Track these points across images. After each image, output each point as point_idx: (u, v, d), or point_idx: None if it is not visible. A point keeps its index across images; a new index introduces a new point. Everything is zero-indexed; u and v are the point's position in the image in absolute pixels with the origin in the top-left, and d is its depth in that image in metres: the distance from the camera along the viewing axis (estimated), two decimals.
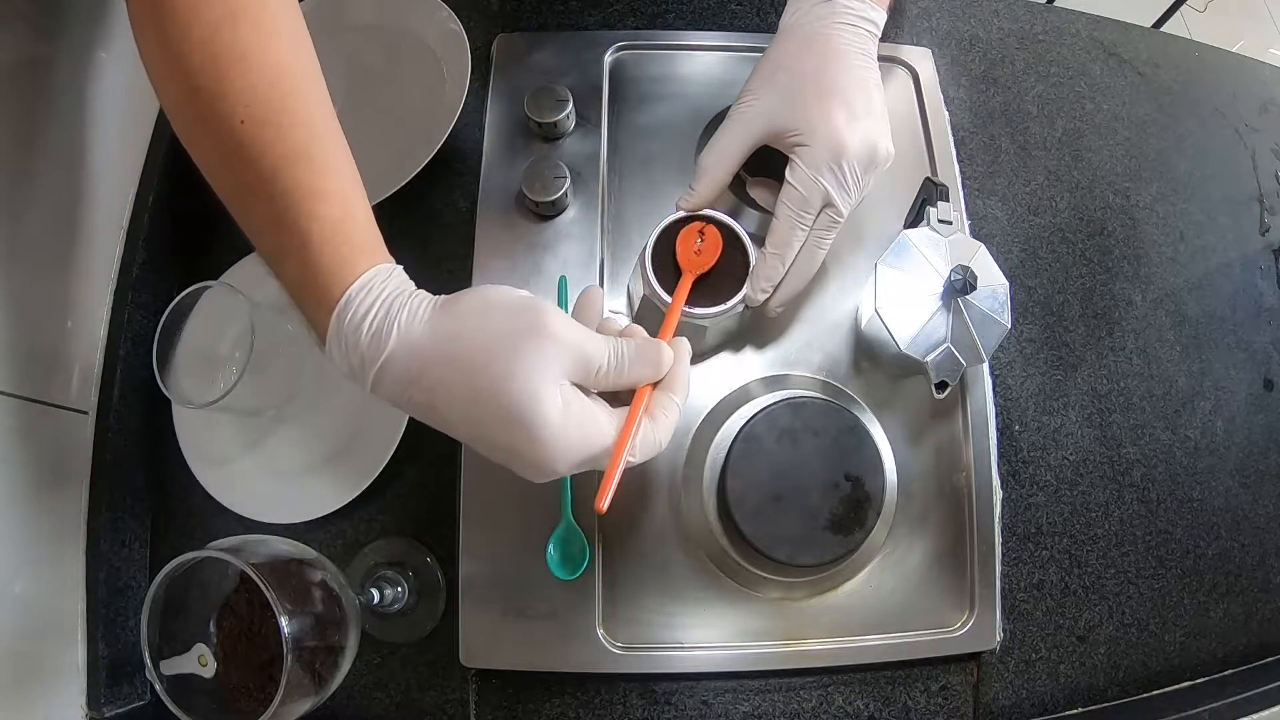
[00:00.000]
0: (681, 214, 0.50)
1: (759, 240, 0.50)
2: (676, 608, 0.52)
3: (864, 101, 0.49)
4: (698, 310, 0.49)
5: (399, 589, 0.51)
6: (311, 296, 0.38)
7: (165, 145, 0.58)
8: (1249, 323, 0.65)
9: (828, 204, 0.49)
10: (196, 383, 0.52)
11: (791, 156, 0.49)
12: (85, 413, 0.52)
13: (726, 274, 0.50)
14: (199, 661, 0.40)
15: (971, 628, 0.53)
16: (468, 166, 0.60)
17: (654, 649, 0.52)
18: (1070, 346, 0.61)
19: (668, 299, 0.48)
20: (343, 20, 0.64)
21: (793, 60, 0.50)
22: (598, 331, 0.41)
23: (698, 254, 0.49)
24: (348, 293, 0.38)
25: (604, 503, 0.38)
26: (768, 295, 0.50)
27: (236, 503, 0.53)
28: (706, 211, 0.50)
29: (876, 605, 0.53)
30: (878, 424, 0.55)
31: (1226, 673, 0.58)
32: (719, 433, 0.54)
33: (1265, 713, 0.55)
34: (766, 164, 0.52)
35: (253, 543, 0.41)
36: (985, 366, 0.57)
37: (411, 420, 0.53)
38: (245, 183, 0.39)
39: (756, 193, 0.56)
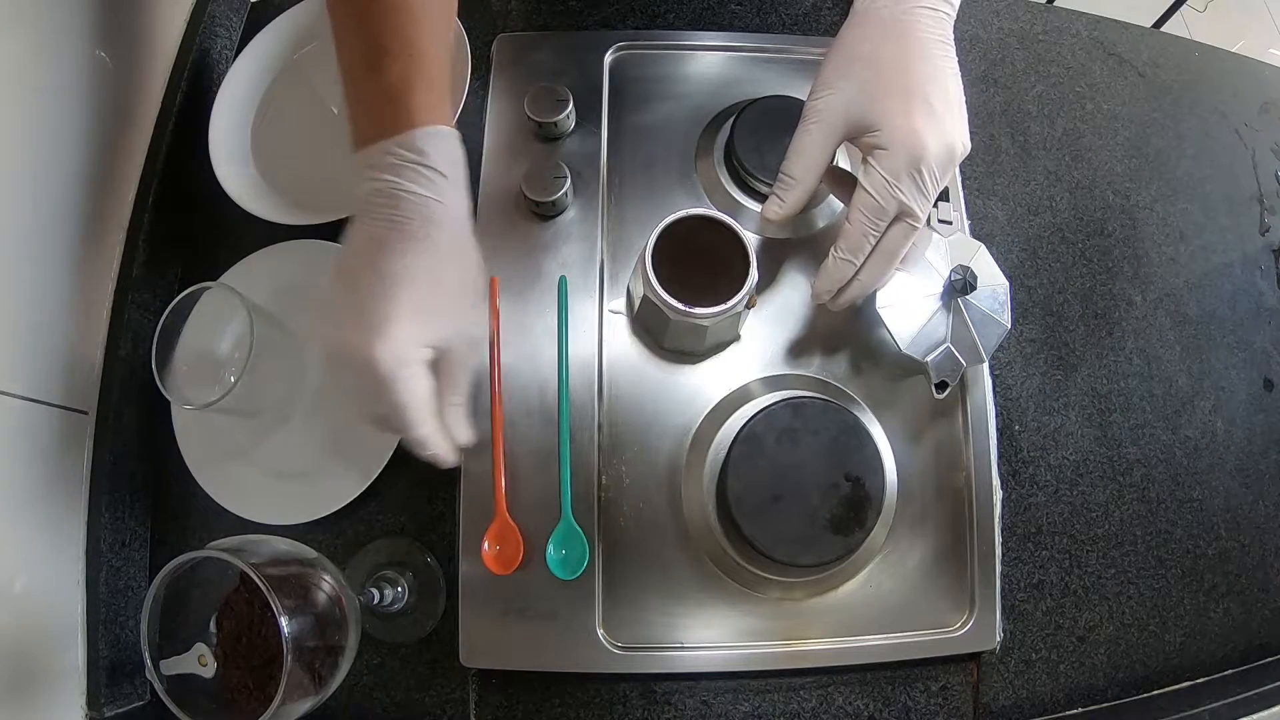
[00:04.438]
0: (681, 214, 0.50)
1: (761, 242, 0.50)
2: (677, 608, 0.52)
3: (943, 96, 0.47)
4: (698, 310, 0.49)
5: (399, 589, 0.51)
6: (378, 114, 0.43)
7: (165, 146, 0.58)
8: (1249, 323, 0.65)
9: (904, 212, 0.47)
10: (196, 383, 0.52)
11: (868, 159, 0.47)
12: (85, 413, 0.52)
13: (726, 274, 0.49)
14: (199, 661, 0.40)
15: (971, 628, 0.53)
16: (468, 166, 0.60)
17: (654, 649, 0.52)
18: (1070, 346, 0.61)
19: (668, 299, 0.48)
20: None
21: (870, 49, 0.47)
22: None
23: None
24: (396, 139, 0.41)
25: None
26: (832, 296, 0.50)
27: (236, 503, 0.53)
28: (705, 211, 0.50)
29: (876, 605, 0.53)
30: (878, 424, 0.55)
31: (1226, 673, 0.58)
32: (719, 433, 0.54)
33: (1265, 713, 0.55)
34: None
35: (253, 543, 0.41)
36: (985, 366, 0.57)
37: None
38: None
39: (828, 180, 0.52)
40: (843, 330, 0.57)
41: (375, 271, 0.41)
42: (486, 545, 0.51)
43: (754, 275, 0.49)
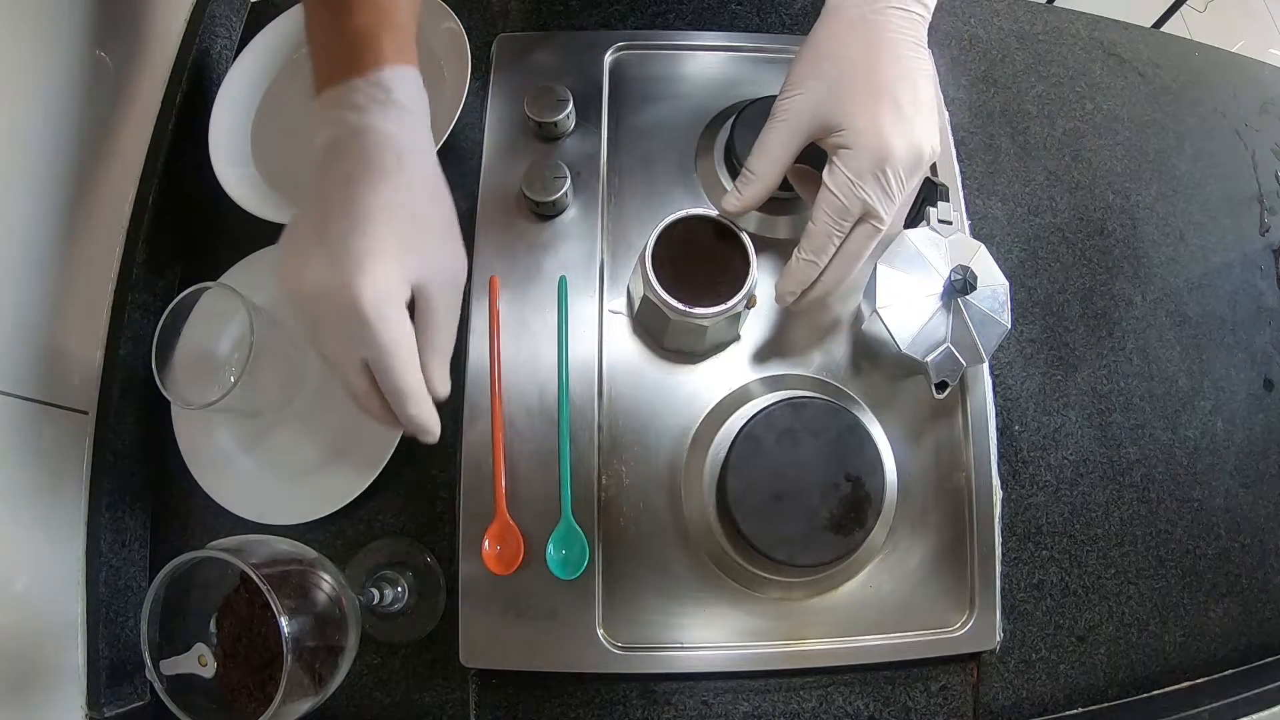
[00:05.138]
0: (681, 214, 0.50)
1: (758, 241, 0.50)
2: (676, 608, 0.52)
3: (912, 98, 0.46)
4: (698, 310, 0.49)
5: (399, 589, 0.51)
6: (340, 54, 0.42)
7: (165, 145, 0.58)
8: (1249, 323, 0.65)
9: (868, 213, 0.46)
10: (195, 384, 0.52)
11: (833, 159, 0.46)
12: (85, 413, 0.52)
13: (726, 274, 0.49)
14: (199, 661, 0.40)
15: (971, 628, 0.53)
16: (468, 166, 0.60)
17: (654, 649, 0.52)
18: (1070, 346, 0.61)
19: (668, 299, 0.48)
20: None
21: (839, 48, 0.47)
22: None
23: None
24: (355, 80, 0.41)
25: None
26: (795, 297, 0.50)
27: (236, 504, 0.53)
28: (705, 211, 0.50)
29: (876, 605, 0.53)
30: (878, 424, 0.55)
31: (1226, 673, 0.58)
32: (719, 433, 0.54)
33: (1265, 713, 0.55)
34: (807, 150, 0.49)
35: (253, 543, 0.41)
36: (985, 366, 0.57)
37: None
38: None
39: (796, 180, 0.51)
40: (843, 330, 0.57)
41: (349, 209, 0.39)
42: (486, 545, 0.51)
43: (754, 275, 0.49)
